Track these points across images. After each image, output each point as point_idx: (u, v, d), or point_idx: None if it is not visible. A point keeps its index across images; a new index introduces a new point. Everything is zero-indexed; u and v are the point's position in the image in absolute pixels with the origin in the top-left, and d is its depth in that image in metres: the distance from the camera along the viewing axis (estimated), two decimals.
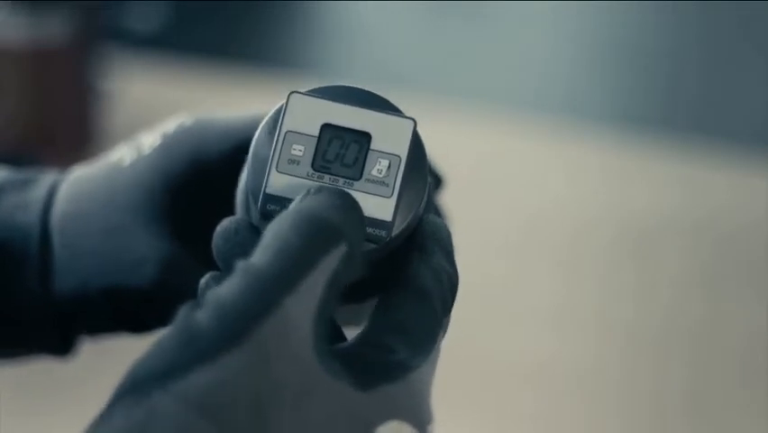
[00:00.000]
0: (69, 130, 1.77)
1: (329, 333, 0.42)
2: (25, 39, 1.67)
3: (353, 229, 0.42)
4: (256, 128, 0.47)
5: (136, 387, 0.39)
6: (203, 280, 0.44)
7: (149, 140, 0.54)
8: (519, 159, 1.92)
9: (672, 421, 1.45)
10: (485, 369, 1.48)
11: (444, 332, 0.44)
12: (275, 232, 0.41)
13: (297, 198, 0.42)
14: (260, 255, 0.40)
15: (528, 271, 1.67)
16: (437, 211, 0.54)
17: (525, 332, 1.56)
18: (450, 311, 0.44)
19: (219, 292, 0.40)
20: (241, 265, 0.40)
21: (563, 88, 2.43)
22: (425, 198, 0.46)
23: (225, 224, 0.45)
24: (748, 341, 1.57)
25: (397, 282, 0.44)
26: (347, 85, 0.46)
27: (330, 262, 0.41)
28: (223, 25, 2.53)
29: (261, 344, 0.39)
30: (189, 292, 0.49)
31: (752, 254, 1.73)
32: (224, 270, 0.44)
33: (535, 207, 1.80)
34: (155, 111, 1.91)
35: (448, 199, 0.61)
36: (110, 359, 1.39)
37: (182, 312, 0.40)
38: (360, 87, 0.46)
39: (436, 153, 0.54)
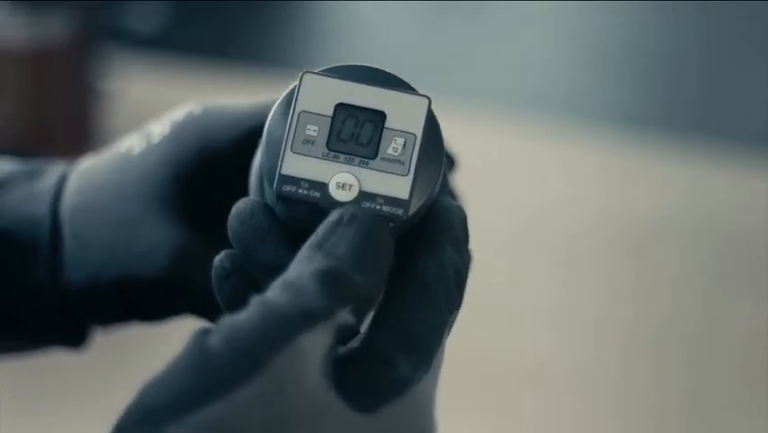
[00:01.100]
0: (69, 130, 1.77)
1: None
2: (25, 39, 1.67)
3: (375, 285, 0.41)
4: (265, 115, 0.47)
5: (149, 417, 0.38)
6: (217, 259, 0.44)
7: (157, 129, 0.54)
8: (519, 159, 1.92)
9: (672, 421, 1.45)
10: (485, 369, 1.48)
11: (449, 331, 0.43)
12: (296, 275, 0.40)
13: (326, 225, 0.41)
14: (279, 294, 0.40)
15: (528, 272, 1.67)
16: (452, 192, 0.53)
17: (526, 332, 1.56)
18: (457, 308, 0.43)
19: (233, 322, 0.39)
20: (257, 300, 0.40)
21: (563, 89, 2.43)
22: (442, 176, 0.45)
23: (241, 205, 0.44)
24: (748, 341, 1.57)
25: (398, 279, 0.43)
26: (360, 64, 0.46)
27: (345, 316, 0.40)
28: (223, 25, 2.53)
29: (276, 374, 0.38)
30: (201, 281, 0.49)
31: (752, 255, 1.73)
32: (239, 250, 0.44)
33: (535, 208, 1.80)
34: (155, 111, 1.91)
35: None
36: (110, 360, 1.39)
37: (194, 339, 0.39)
38: (372, 65, 0.46)
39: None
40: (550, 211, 1.79)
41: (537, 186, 1.85)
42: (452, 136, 1.85)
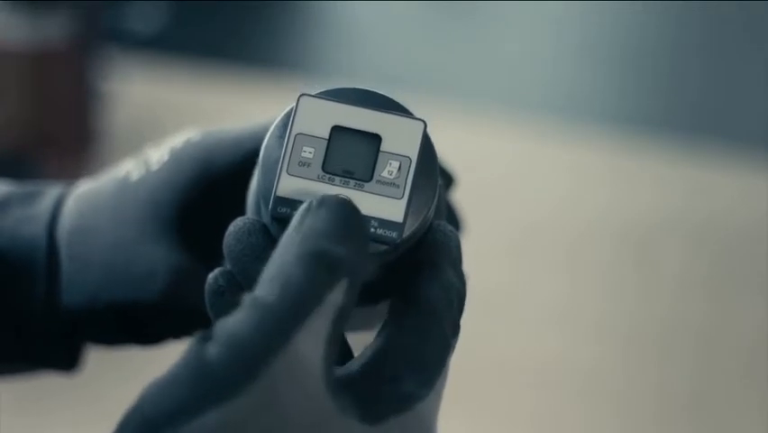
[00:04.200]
0: (70, 130, 1.77)
1: (338, 362, 0.42)
2: (25, 39, 1.67)
3: (355, 255, 0.42)
4: (263, 137, 0.47)
5: (147, 425, 0.38)
6: (211, 276, 0.44)
7: (156, 155, 0.54)
8: (522, 160, 1.92)
9: (676, 420, 1.45)
10: (489, 369, 1.48)
11: (452, 352, 0.44)
12: (280, 266, 0.41)
13: (298, 214, 0.42)
14: (267, 289, 0.40)
15: (532, 273, 1.66)
16: (450, 210, 0.53)
17: (529, 333, 1.56)
18: (459, 332, 0.44)
19: (230, 328, 0.39)
20: (248, 300, 0.40)
21: (566, 90, 2.43)
22: (436, 200, 0.45)
23: (239, 224, 0.44)
24: (751, 341, 1.57)
25: (404, 300, 0.43)
26: (357, 87, 0.46)
27: (335, 296, 0.40)
28: (223, 26, 2.53)
29: (274, 381, 0.39)
30: (199, 304, 0.49)
31: (755, 255, 1.73)
32: (234, 268, 0.44)
33: (538, 209, 1.80)
34: (155, 112, 1.91)
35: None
36: (110, 361, 1.39)
37: (192, 346, 0.39)
38: (369, 88, 0.46)
39: (440, 155, 0.54)
40: (552, 212, 1.79)
41: (539, 188, 1.85)
42: (453, 138, 1.85)
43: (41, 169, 1.71)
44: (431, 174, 0.45)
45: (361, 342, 0.44)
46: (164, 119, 1.90)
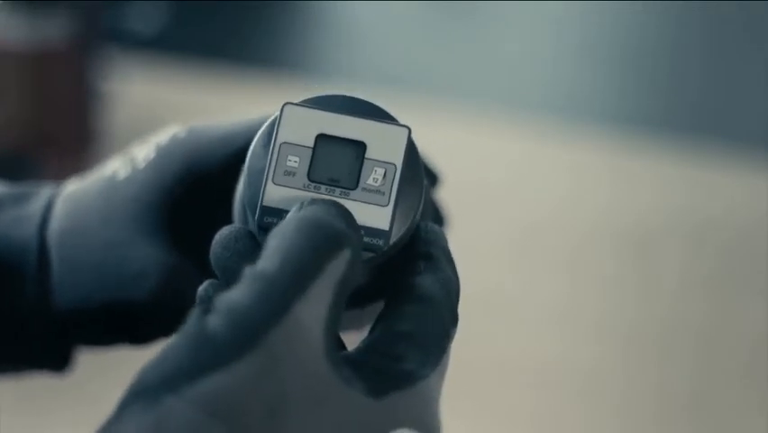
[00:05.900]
0: (70, 131, 1.77)
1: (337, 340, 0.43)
2: (25, 39, 1.67)
3: (355, 234, 0.42)
4: (250, 135, 0.47)
5: (147, 391, 0.39)
6: (201, 288, 0.44)
7: (142, 153, 0.54)
8: (521, 161, 1.92)
9: (676, 420, 1.45)
10: (489, 370, 1.48)
11: (451, 341, 0.44)
12: (280, 238, 0.41)
13: (293, 210, 0.43)
14: (268, 261, 0.40)
15: (532, 273, 1.66)
16: (436, 211, 0.54)
17: (529, 333, 1.55)
18: (457, 321, 0.44)
19: (230, 299, 0.40)
20: (249, 272, 0.40)
21: (566, 90, 2.43)
22: (422, 205, 0.46)
23: (225, 232, 0.45)
24: (751, 341, 1.57)
25: (403, 290, 0.44)
26: (341, 94, 0.46)
27: (336, 266, 0.41)
28: (223, 26, 2.53)
29: (273, 350, 0.39)
30: (190, 302, 0.50)
31: (755, 255, 1.73)
32: (222, 277, 0.44)
33: (538, 209, 1.80)
34: (155, 112, 1.91)
35: (450, 203, 0.61)
36: (111, 359, 1.39)
37: (192, 318, 0.40)
38: (353, 95, 0.46)
39: (438, 156, 0.54)
40: (552, 212, 1.79)
41: (540, 188, 1.85)
42: (453, 138, 1.85)
43: (41, 169, 1.71)
44: (416, 180, 0.45)
45: (351, 342, 0.45)
46: (164, 119, 1.90)
